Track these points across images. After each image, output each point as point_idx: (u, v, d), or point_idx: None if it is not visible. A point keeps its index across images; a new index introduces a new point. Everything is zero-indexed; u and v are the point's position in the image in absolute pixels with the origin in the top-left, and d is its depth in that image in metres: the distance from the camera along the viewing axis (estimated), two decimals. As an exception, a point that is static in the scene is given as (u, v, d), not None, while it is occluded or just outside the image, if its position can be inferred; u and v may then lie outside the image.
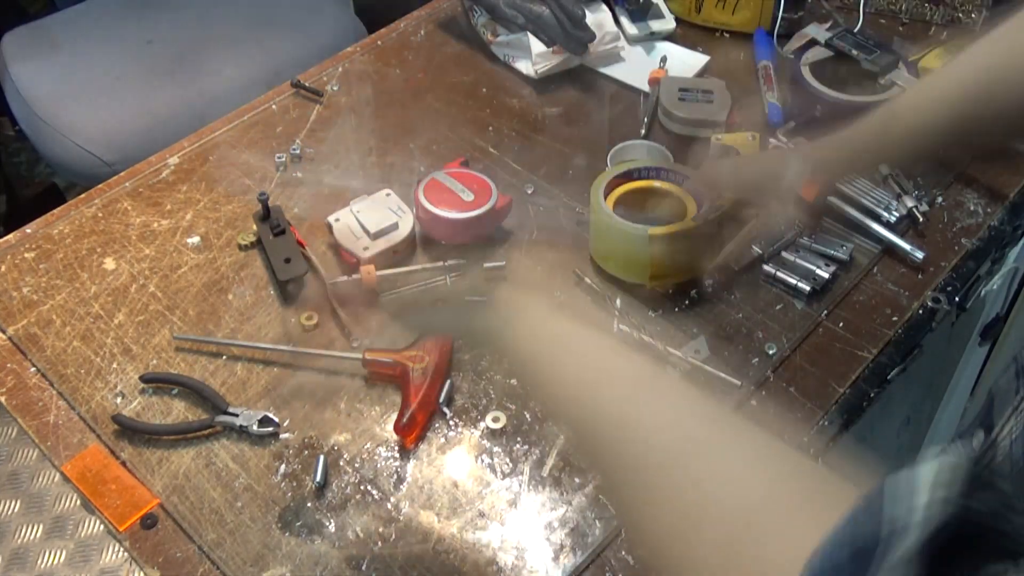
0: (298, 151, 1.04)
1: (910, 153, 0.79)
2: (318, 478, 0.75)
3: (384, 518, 0.74)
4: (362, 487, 0.76)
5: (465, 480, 0.76)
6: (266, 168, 1.03)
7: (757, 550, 0.42)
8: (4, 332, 0.87)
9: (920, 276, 0.90)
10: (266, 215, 0.92)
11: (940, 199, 0.97)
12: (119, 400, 0.82)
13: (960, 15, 1.17)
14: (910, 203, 0.94)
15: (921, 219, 0.93)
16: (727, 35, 1.20)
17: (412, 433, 0.78)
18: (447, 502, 0.75)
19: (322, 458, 0.77)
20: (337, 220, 0.91)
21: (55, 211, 0.98)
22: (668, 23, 1.20)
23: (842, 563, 0.32)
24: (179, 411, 0.81)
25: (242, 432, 0.79)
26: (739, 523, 0.44)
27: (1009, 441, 0.47)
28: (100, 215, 0.98)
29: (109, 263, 0.93)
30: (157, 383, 0.83)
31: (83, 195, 1.00)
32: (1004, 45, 0.71)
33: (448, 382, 0.81)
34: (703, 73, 1.15)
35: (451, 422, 0.80)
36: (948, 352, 1.13)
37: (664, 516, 0.46)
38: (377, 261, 0.89)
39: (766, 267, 0.90)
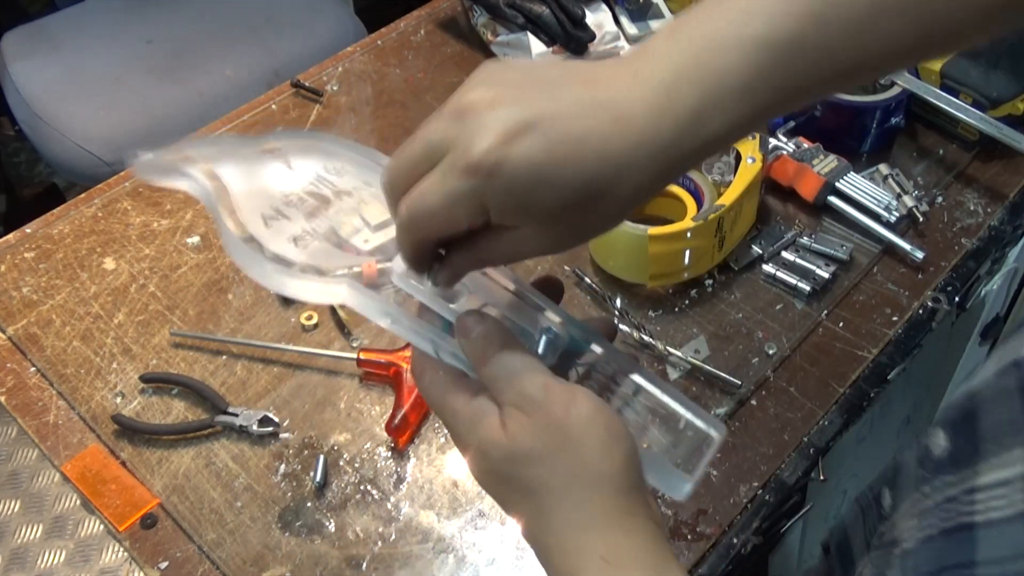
0: (298, 151, 1.03)
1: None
2: (318, 478, 0.75)
3: (384, 518, 0.74)
4: (362, 487, 0.76)
5: (465, 480, 0.76)
6: (266, 168, 1.03)
7: None
8: (4, 332, 0.87)
9: (920, 276, 0.90)
10: (266, 215, 0.92)
11: (940, 199, 0.97)
12: (119, 400, 0.82)
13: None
14: (910, 203, 0.94)
15: (921, 219, 0.93)
16: (727, 35, 1.20)
17: (404, 434, 0.78)
18: (447, 502, 0.75)
19: (322, 458, 0.77)
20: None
21: (55, 211, 0.98)
22: (668, 23, 1.19)
23: None
24: (179, 411, 0.81)
25: (242, 432, 0.79)
26: None
27: (902, 552, 0.45)
28: (100, 215, 0.98)
29: (109, 263, 0.93)
30: (157, 383, 0.83)
31: (83, 195, 1.00)
32: None
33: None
34: (703, 73, 1.14)
35: (451, 422, 0.80)
36: (948, 352, 1.13)
37: None
38: (378, 254, 0.89)
39: (766, 267, 0.90)
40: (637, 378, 0.48)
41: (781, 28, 0.40)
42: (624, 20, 1.19)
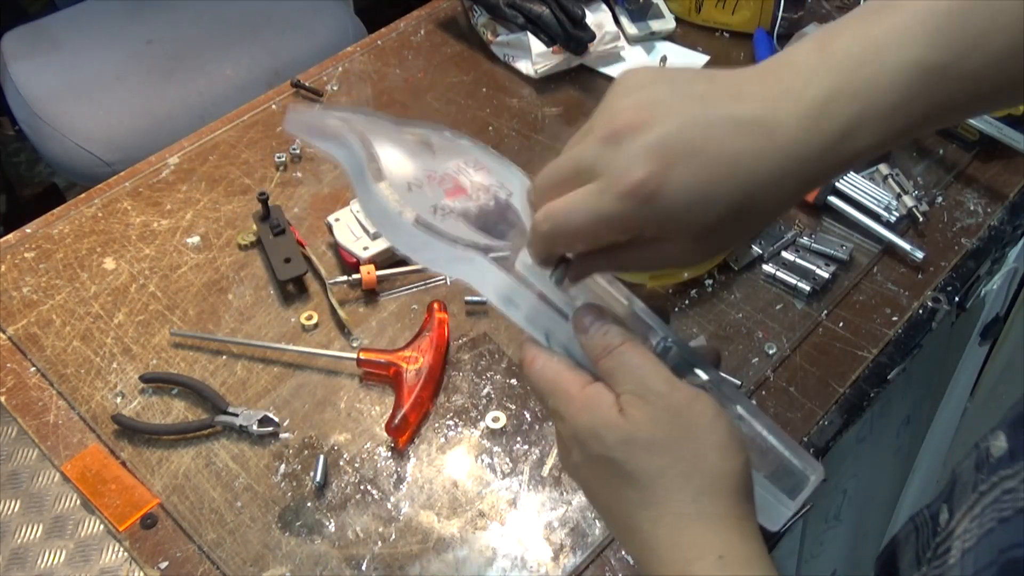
0: (298, 151, 1.04)
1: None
2: (318, 478, 0.75)
3: (384, 518, 0.74)
4: (362, 487, 0.76)
5: (465, 480, 0.76)
6: (266, 168, 1.03)
7: None
8: (4, 332, 0.87)
9: (920, 276, 0.90)
10: (266, 215, 0.92)
11: (940, 199, 0.97)
12: (119, 400, 0.82)
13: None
14: (910, 203, 0.94)
15: (921, 219, 0.93)
16: (727, 35, 1.20)
17: (404, 434, 0.78)
18: (447, 502, 0.75)
19: (322, 458, 0.77)
20: (337, 220, 0.91)
21: (55, 211, 0.98)
22: (668, 23, 1.20)
23: None
24: (179, 411, 0.81)
25: (242, 432, 0.79)
26: None
27: (961, 551, 0.46)
28: (100, 215, 0.98)
29: (109, 263, 0.93)
30: (157, 383, 0.83)
31: (83, 195, 1.00)
32: None
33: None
34: (703, 73, 1.14)
35: (450, 422, 0.80)
36: (948, 352, 1.13)
37: None
38: (377, 261, 0.89)
39: (766, 267, 0.90)
40: (740, 409, 0.49)
41: (936, 54, 0.41)
42: (624, 20, 1.19)
